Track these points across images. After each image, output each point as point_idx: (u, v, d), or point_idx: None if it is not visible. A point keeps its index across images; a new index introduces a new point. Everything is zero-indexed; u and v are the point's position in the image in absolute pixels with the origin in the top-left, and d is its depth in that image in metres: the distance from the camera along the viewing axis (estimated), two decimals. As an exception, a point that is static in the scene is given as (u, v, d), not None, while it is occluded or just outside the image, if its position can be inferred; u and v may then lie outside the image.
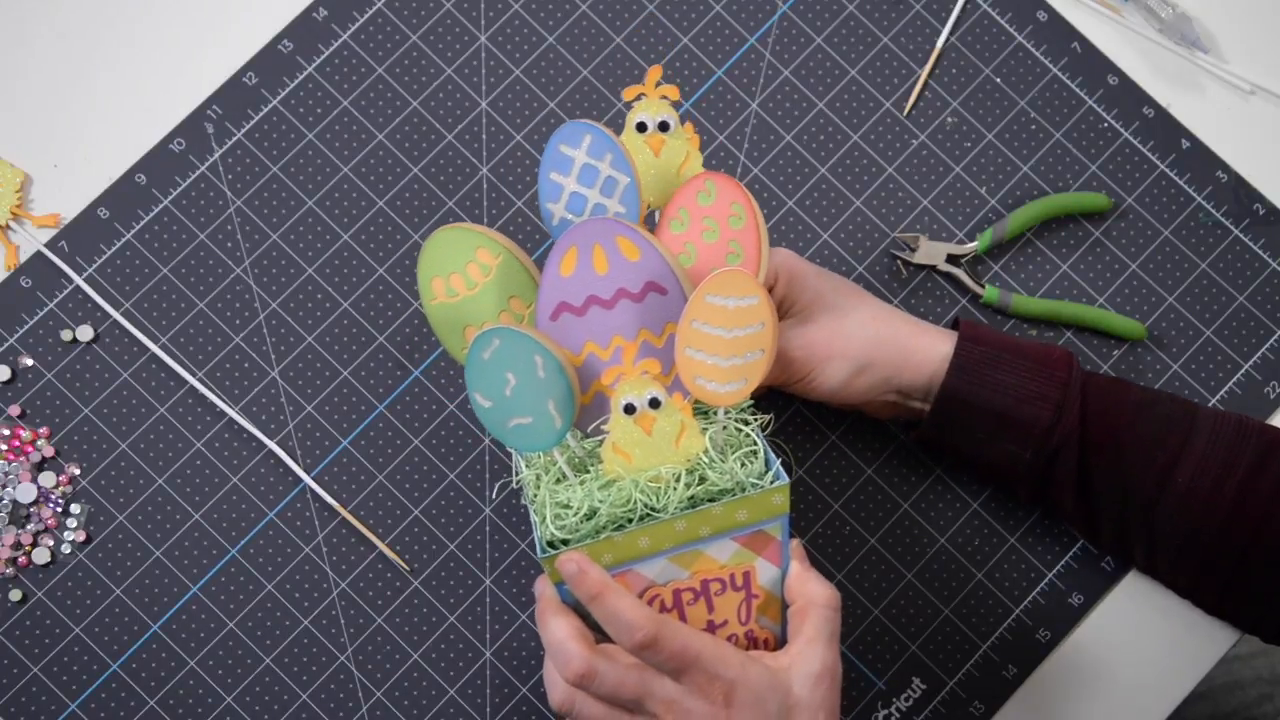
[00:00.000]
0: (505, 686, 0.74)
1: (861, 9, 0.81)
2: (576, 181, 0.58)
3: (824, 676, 0.59)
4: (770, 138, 0.80)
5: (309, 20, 0.79)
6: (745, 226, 0.58)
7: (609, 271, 0.56)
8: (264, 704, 0.73)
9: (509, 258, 0.60)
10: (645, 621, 0.57)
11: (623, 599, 0.58)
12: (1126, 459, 0.68)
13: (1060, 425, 0.68)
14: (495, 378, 0.57)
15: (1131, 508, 0.69)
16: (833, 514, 0.76)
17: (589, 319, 0.57)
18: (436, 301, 0.61)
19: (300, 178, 0.78)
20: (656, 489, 0.59)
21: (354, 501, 0.75)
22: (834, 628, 0.61)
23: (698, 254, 0.60)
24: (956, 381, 0.68)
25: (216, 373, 0.76)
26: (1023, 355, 0.69)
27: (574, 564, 0.58)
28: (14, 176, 0.77)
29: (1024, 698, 0.75)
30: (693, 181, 0.60)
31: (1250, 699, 0.97)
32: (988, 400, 0.68)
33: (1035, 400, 0.68)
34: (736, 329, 0.57)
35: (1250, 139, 0.81)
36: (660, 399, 0.58)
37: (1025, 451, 0.69)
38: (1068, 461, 0.68)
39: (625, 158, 0.57)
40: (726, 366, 0.58)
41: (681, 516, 0.59)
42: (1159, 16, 0.81)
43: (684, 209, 0.59)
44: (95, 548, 0.74)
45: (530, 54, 0.80)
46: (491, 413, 0.58)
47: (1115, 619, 0.76)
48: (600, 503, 0.59)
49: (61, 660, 0.73)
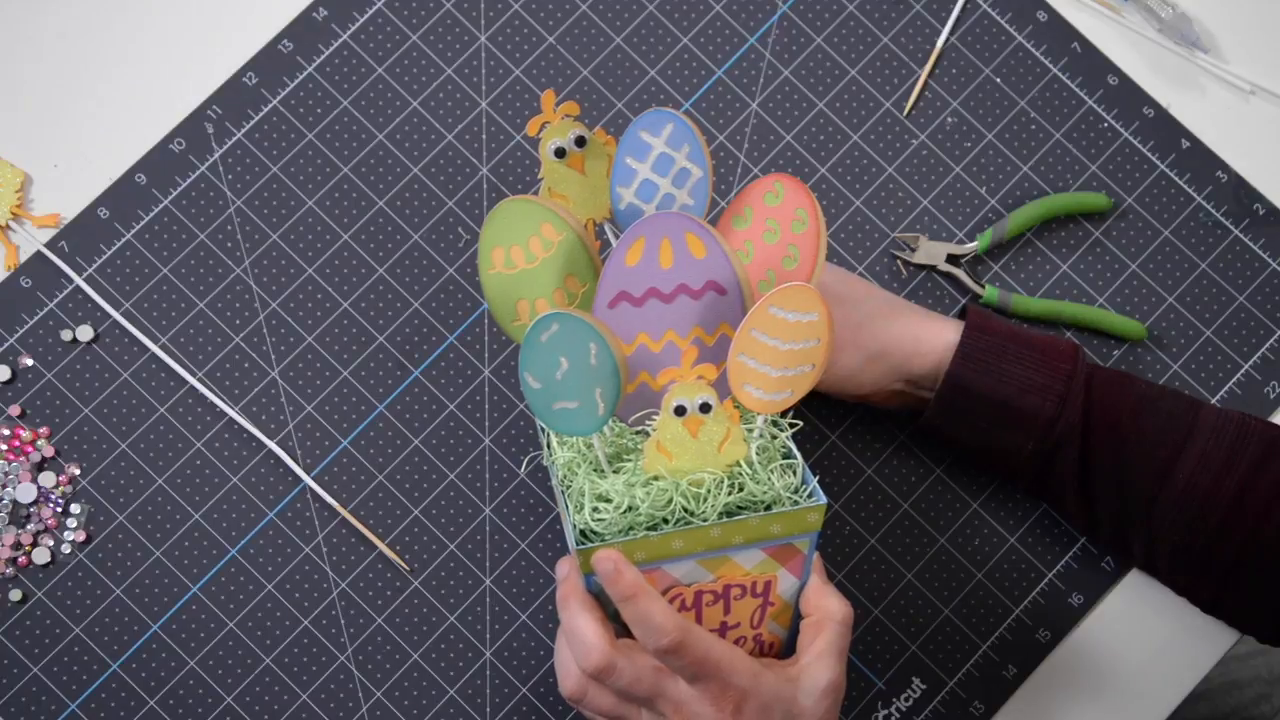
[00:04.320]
0: (505, 686, 0.74)
1: (861, 9, 0.81)
2: (651, 169, 0.57)
3: (829, 691, 0.60)
4: (770, 138, 0.80)
5: (309, 20, 0.79)
6: (807, 232, 0.58)
7: (673, 266, 0.55)
8: (264, 704, 0.73)
9: (572, 236, 0.58)
10: (673, 629, 0.57)
11: (655, 603, 0.58)
12: (1128, 454, 0.68)
13: (1063, 418, 0.68)
14: (549, 361, 0.57)
15: (1131, 503, 0.69)
16: (833, 514, 0.76)
17: (645, 310, 0.57)
18: (494, 271, 0.59)
19: (300, 178, 0.78)
20: (697, 493, 0.60)
21: (354, 501, 0.75)
22: (844, 644, 0.61)
23: (755, 252, 0.59)
24: (962, 369, 0.68)
25: (216, 373, 0.76)
26: (1029, 346, 0.69)
27: (610, 563, 0.58)
28: (14, 176, 0.77)
29: (1024, 698, 0.75)
30: (762, 181, 0.59)
31: (1248, 699, 0.97)
32: (992, 389, 0.68)
33: (1039, 391, 0.68)
34: (793, 342, 0.57)
35: (1250, 139, 0.81)
36: (712, 404, 0.58)
37: (1027, 443, 0.69)
38: (1069, 455, 0.68)
39: (702, 150, 0.56)
40: (776, 377, 0.58)
41: (719, 524, 0.59)
42: (1159, 16, 0.81)
43: (749, 206, 0.58)
44: (95, 548, 0.74)
45: (530, 54, 0.80)
46: (539, 394, 0.58)
47: (1115, 619, 0.76)
48: (640, 500, 0.59)
49: (61, 660, 0.73)
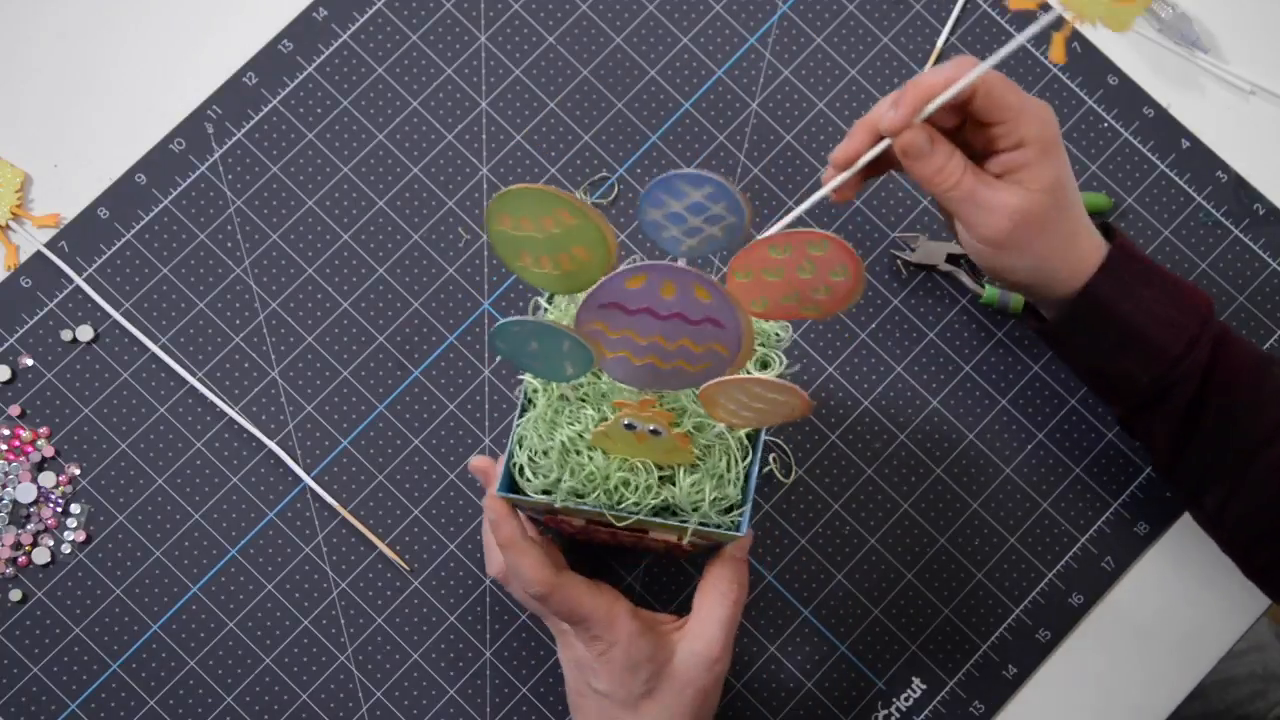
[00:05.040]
0: (505, 686, 0.74)
1: (861, 9, 0.81)
2: (684, 208, 0.55)
3: (707, 657, 0.63)
4: (770, 138, 0.80)
5: (309, 20, 0.79)
6: (843, 282, 0.56)
7: (674, 298, 0.55)
8: (264, 704, 0.73)
9: (588, 221, 0.55)
10: (538, 583, 0.62)
11: (525, 556, 0.62)
12: (1238, 411, 0.67)
13: (1189, 359, 0.66)
14: (520, 343, 0.58)
15: (1226, 457, 0.67)
16: (833, 514, 0.76)
17: (636, 317, 0.57)
18: (500, 229, 0.56)
19: (300, 178, 0.78)
20: (622, 492, 0.61)
21: (354, 501, 0.75)
22: (737, 620, 0.65)
23: (785, 274, 0.58)
24: (1104, 285, 0.65)
25: (216, 373, 0.76)
26: (1172, 281, 0.67)
27: (493, 514, 0.63)
28: (14, 176, 0.77)
29: (1024, 698, 0.75)
30: (810, 232, 0.57)
31: (1243, 695, 0.97)
32: (1128, 313, 0.66)
33: (1173, 326, 0.66)
34: (764, 404, 0.58)
35: (1250, 139, 0.81)
36: (662, 433, 0.59)
37: (1145, 374, 0.67)
38: (1181, 396, 0.66)
39: (742, 206, 0.55)
40: (748, 415, 0.59)
41: (635, 518, 0.61)
42: (1159, 16, 0.81)
43: (791, 245, 0.56)
44: (95, 548, 0.74)
45: (530, 54, 0.80)
46: (509, 356, 0.60)
47: (1115, 619, 0.76)
48: (565, 479, 0.61)
49: (61, 660, 0.73)
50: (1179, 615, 0.76)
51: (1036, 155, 0.61)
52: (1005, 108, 0.61)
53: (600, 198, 0.79)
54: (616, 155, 0.79)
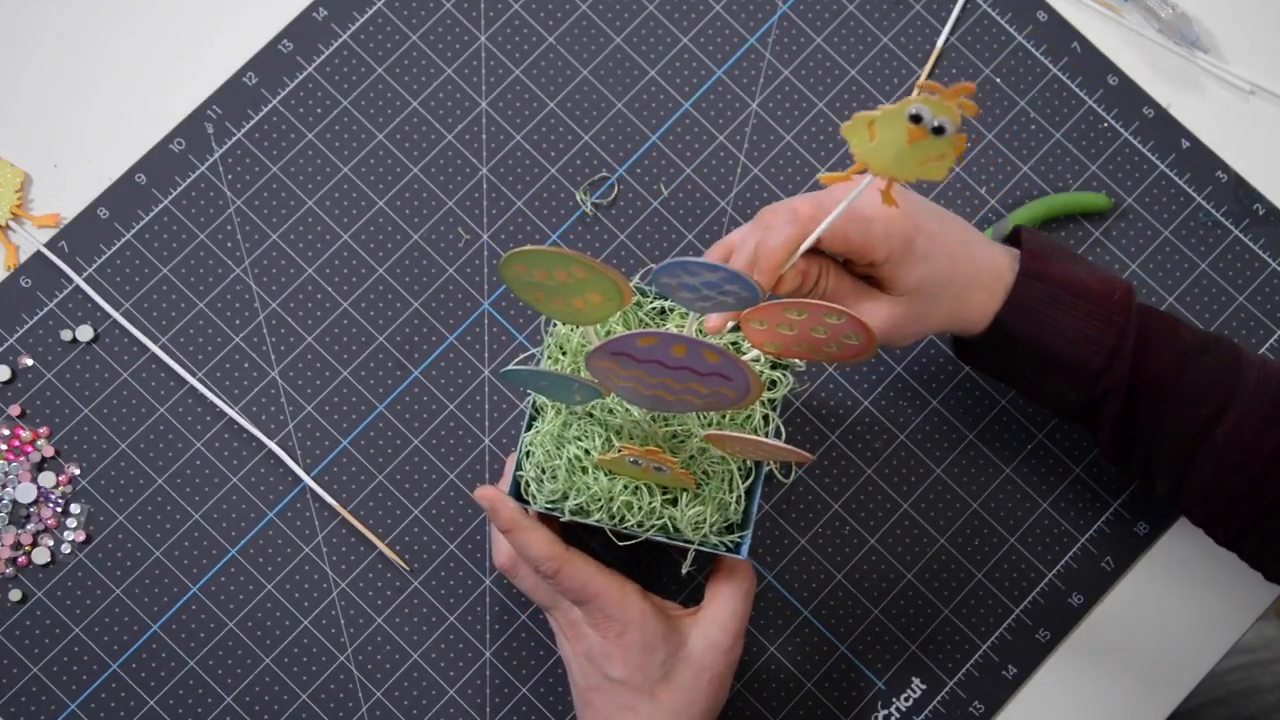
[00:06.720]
0: (505, 686, 0.74)
1: (861, 9, 0.81)
2: (699, 283, 0.56)
3: (722, 644, 0.64)
4: (770, 138, 0.80)
5: (309, 20, 0.79)
6: (855, 344, 0.58)
7: (684, 357, 0.56)
8: (264, 704, 0.73)
9: (600, 275, 0.55)
10: (548, 558, 0.62)
11: (532, 534, 0.62)
12: (1169, 410, 0.67)
13: (1112, 371, 0.66)
14: (529, 381, 0.61)
15: (1167, 454, 0.68)
16: (833, 514, 0.76)
17: (646, 365, 0.57)
18: (513, 274, 0.57)
19: (300, 178, 0.78)
20: (625, 515, 0.62)
21: (354, 501, 0.75)
22: (749, 609, 0.65)
23: (798, 330, 0.59)
24: (1010, 319, 0.66)
25: (216, 373, 0.76)
26: (1084, 296, 0.67)
27: (488, 501, 0.62)
28: (14, 176, 0.77)
29: (1024, 698, 0.75)
30: (825, 305, 0.58)
31: (1269, 704, 0.96)
32: (1041, 340, 0.67)
33: (1090, 343, 0.66)
34: (769, 453, 0.61)
35: (1250, 139, 0.81)
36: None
37: (1071, 391, 0.68)
38: (1112, 405, 0.67)
39: (755, 286, 0.55)
40: (753, 454, 0.62)
41: (638, 533, 0.62)
42: (1159, 16, 0.81)
43: (806, 310, 0.57)
44: (95, 548, 0.74)
45: (530, 54, 0.80)
46: (518, 380, 0.61)
47: (1115, 618, 0.76)
48: (571, 495, 0.62)
49: (61, 660, 0.73)
50: (1179, 615, 0.76)
51: (892, 270, 0.64)
52: (850, 248, 0.64)
53: (600, 198, 0.79)
54: (616, 155, 0.79)
